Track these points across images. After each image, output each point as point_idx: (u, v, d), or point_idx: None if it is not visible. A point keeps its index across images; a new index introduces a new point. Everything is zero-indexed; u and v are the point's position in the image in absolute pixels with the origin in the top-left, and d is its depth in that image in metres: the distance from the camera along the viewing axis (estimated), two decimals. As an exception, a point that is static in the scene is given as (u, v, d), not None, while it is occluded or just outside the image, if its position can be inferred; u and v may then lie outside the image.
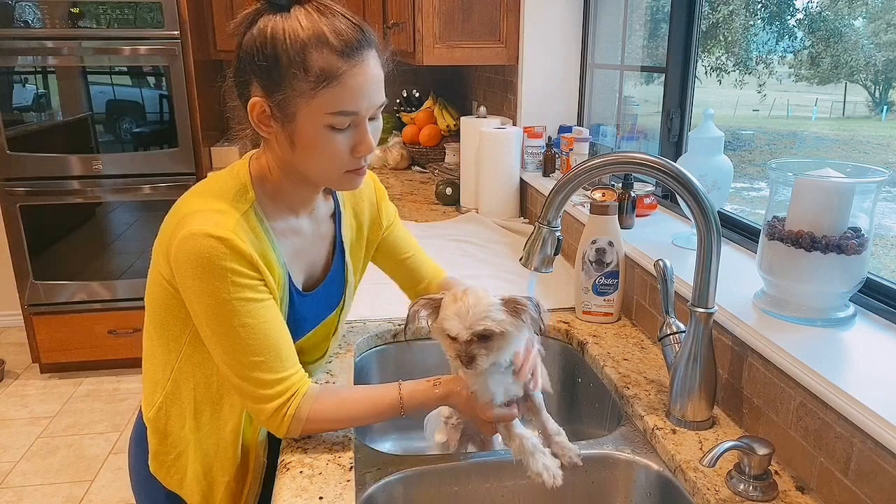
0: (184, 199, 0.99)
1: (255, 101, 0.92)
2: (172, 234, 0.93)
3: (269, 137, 0.97)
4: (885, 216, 2.25)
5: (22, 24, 3.01)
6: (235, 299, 0.92)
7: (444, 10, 2.37)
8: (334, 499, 0.90)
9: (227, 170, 1.04)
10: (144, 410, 1.09)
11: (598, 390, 1.30)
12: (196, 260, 0.90)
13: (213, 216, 0.92)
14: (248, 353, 0.94)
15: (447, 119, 3.28)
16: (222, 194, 0.97)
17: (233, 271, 0.91)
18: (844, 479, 0.85)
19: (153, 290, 1.01)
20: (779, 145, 4.51)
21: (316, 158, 0.95)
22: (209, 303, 0.92)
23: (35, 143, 3.17)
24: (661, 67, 1.91)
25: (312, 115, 0.91)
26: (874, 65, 3.49)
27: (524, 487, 1.06)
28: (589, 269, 1.43)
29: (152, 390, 1.07)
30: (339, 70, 0.89)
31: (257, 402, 0.96)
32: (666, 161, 1.00)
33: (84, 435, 2.94)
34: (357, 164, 0.97)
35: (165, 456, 1.08)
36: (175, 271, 0.93)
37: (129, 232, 3.35)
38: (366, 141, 0.95)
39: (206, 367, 1.03)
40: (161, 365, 1.04)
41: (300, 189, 1.04)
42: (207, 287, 0.91)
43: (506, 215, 2.32)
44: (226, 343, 0.94)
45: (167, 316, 1.01)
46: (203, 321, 0.94)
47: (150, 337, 1.06)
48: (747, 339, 1.05)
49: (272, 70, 0.89)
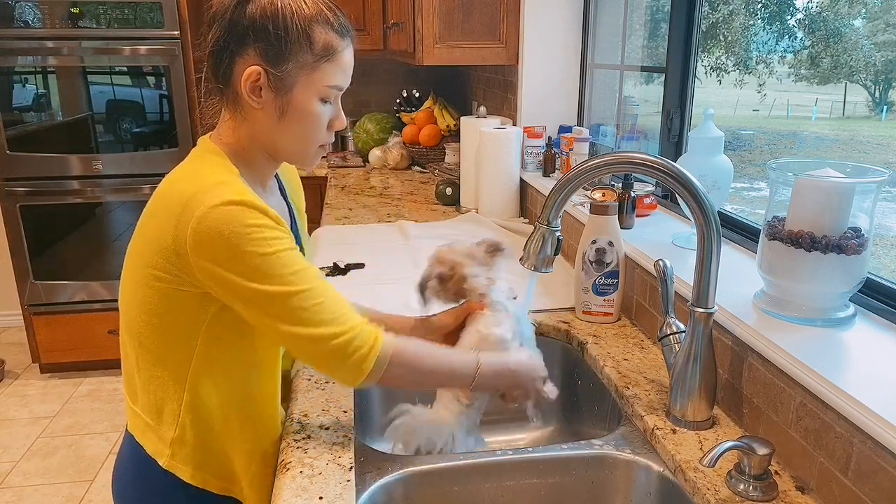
0: (171, 191, 0.93)
1: (253, 69, 0.93)
2: (180, 223, 0.89)
3: (255, 108, 0.96)
4: (885, 216, 2.25)
5: (22, 24, 3.01)
6: (279, 251, 0.90)
7: (444, 10, 2.37)
8: (334, 499, 0.90)
9: (195, 156, 1.00)
10: (161, 434, 1.01)
11: (598, 390, 1.30)
12: (226, 229, 0.87)
13: (223, 187, 0.90)
14: (309, 297, 0.91)
15: (447, 119, 3.28)
16: (212, 172, 0.95)
17: (266, 226, 0.90)
18: (844, 479, 0.85)
19: (145, 301, 0.96)
20: (779, 145, 4.52)
21: (300, 129, 0.99)
22: (254, 264, 0.89)
23: (35, 143, 3.17)
24: (661, 67, 1.91)
25: (309, 87, 0.97)
26: (874, 65, 3.49)
27: (524, 487, 1.06)
28: (589, 269, 1.43)
29: (167, 409, 0.99)
30: (338, 47, 0.97)
31: (331, 340, 0.92)
32: (666, 161, 1.00)
33: (84, 435, 2.94)
34: (328, 138, 1.04)
35: (208, 462, 1.02)
36: (199, 254, 0.88)
37: (129, 232, 3.32)
38: (340, 116, 1.03)
39: (224, 361, 0.99)
40: (170, 379, 0.98)
41: (267, 164, 1.05)
42: (247, 250, 0.88)
43: (506, 215, 2.32)
44: (284, 297, 0.90)
45: (170, 324, 0.96)
46: (250, 289, 0.89)
47: (144, 356, 0.99)
48: (747, 339, 1.05)
49: (280, 41, 0.93)
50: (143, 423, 1.03)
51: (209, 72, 0.99)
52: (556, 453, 1.07)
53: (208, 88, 1.01)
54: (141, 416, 1.03)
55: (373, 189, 2.89)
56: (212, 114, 1.04)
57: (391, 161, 3.28)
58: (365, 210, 2.51)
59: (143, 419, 1.02)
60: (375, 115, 3.55)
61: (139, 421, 1.03)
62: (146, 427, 1.02)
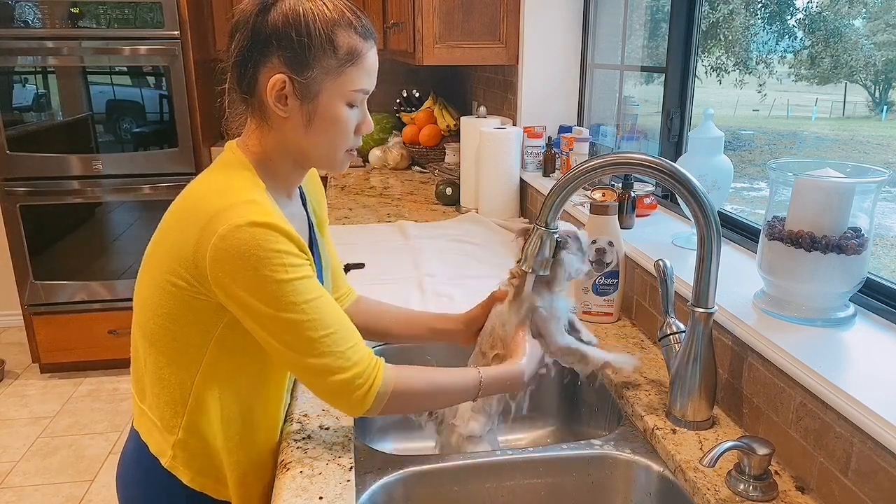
0: (197, 201, 0.94)
1: (278, 77, 0.93)
2: (203, 237, 0.89)
3: (281, 116, 0.96)
4: (885, 216, 2.25)
5: (22, 24, 3.01)
6: (296, 279, 0.90)
7: (444, 10, 2.37)
8: (334, 499, 0.90)
9: (223, 165, 1.01)
10: (166, 435, 1.01)
11: (598, 390, 1.30)
12: (247, 250, 0.87)
13: (249, 206, 0.90)
14: (319, 328, 0.92)
15: (447, 119, 3.28)
16: (240, 187, 0.95)
17: (286, 252, 0.90)
18: (844, 479, 0.85)
19: (162, 304, 0.95)
20: (779, 145, 4.51)
21: (328, 135, 0.98)
22: (269, 290, 0.89)
23: (35, 143, 3.17)
24: (661, 67, 1.91)
25: (336, 92, 0.96)
26: (874, 65, 3.49)
27: (524, 487, 1.06)
28: (589, 269, 1.43)
29: (173, 411, 1.00)
30: (362, 50, 0.96)
31: (334, 374, 0.93)
32: (665, 161, 1.00)
33: (84, 435, 2.94)
34: (356, 142, 1.03)
35: (210, 468, 1.03)
36: (218, 271, 0.89)
37: (129, 232, 3.35)
38: (367, 120, 1.02)
39: (232, 373, 0.99)
40: (178, 383, 0.98)
41: (294, 172, 1.04)
42: (264, 274, 0.88)
43: (506, 215, 2.32)
44: (294, 326, 0.91)
45: (183, 329, 0.96)
46: (263, 312, 0.90)
47: (154, 357, 0.99)
48: (747, 339, 1.05)
49: (303, 47, 0.92)
50: (148, 421, 1.03)
51: (233, 82, 0.98)
52: (556, 453, 1.07)
53: (233, 98, 1.00)
54: (147, 415, 1.03)
55: (373, 189, 2.89)
56: (237, 124, 1.03)
57: (391, 161, 3.28)
58: (365, 210, 2.51)
59: (150, 418, 1.03)
60: (375, 115, 3.51)
61: (145, 419, 1.04)
62: (151, 426, 1.03)
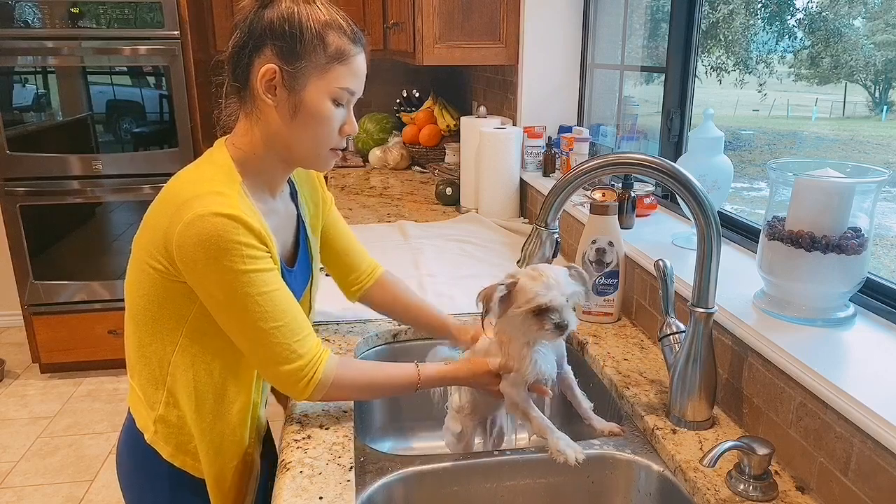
0: (173, 190, 1.01)
1: (269, 66, 0.99)
2: (171, 223, 0.95)
3: (269, 105, 1.01)
4: (885, 216, 2.25)
5: (22, 24, 3.01)
6: (252, 271, 0.96)
7: (444, 10, 2.37)
8: (334, 499, 0.90)
9: (206, 158, 1.07)
10: (148, 411, 1.08)
11: (598, 390, 1.30)
12: (208, 239, 0.93)
13: (215, 197, 0.96)
14: (269, 319, 0.98)
15: (447, 119, 3.28)
16: (213, 178, 1.01)
17: (245, 244, 0.95)
18: (844, 479, 0.85)
19: (141, 286, 1.02)
20: (779, 145, 4.51)
21: (312, 130, 1.03)
22: (226, 279, 0.95)
23: (35, 143, 3.17)
24: (661, 67, 1.91)
25: (321, 87, 1.01)
26: (874, 65, 3.49)
27: (524, 487, 1.06)
28: (589, 269, 1.43)
29: (154, 388, 1.06)
30: (350, 52, 1.02)
31: (281, 364, 1.00)
32: (665, 161, 1.00)
33: (84, 435, 2.94)
34: (340, 143, 1.08)
35: (187, 445, 1.08)
36: (182, 257, 0.95)
37: (129, 232, 3.35)
38: (351, 121, 1.07)
39: (206, 355, 1.04)
40: (157, 362, 1.05)
41: (279, 169, 1.10)
42: (223, 264, 0.94)
43: (506, 215, 2.32)
44: (246, 315, 0.97)
45: (160, 310, 1.02)
46: (220, 299, 0.97)
47: (138, 335, 1.06)
48: (747, 339, 1.05)
49: (295, 41, 0.99)
50: (136, 396, 1.10)
51: (228, 72, 1.05)
52: (556, 453, 1.07)
53: (226, 89, 1.07)
54: (135, 391, 1.10)
55: (373, 189, 2.89)
56: (229, 118, 1.09)
57: (391, 161, 3.28)
58: (365, 210, 2.51)
59: (136, 393, 1.10)
60: (375, 114, 3.55)
61: (134, 395, 1.11)
62: (138, 401, 1.10)
